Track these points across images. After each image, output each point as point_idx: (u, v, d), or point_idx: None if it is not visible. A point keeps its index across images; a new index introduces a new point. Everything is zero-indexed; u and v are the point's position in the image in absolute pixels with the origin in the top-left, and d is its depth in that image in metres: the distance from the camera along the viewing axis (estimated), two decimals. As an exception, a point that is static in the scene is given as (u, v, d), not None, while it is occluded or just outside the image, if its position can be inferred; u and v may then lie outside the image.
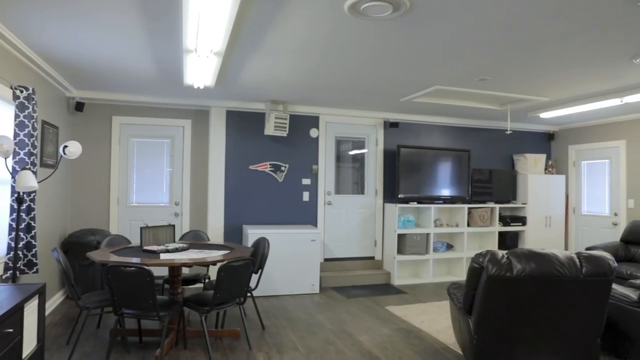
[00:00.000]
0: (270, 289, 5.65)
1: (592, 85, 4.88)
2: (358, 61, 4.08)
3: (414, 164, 6.64)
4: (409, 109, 6.41)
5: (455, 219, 6.99)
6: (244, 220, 6.19)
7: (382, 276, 6.48)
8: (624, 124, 6.76)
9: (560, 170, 7.82)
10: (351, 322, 4.65)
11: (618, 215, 6.79)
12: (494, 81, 4.72)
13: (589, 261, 3.07)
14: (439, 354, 3.78)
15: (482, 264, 3.13)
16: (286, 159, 6.38)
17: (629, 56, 3.83)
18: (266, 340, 4.05)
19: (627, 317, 3.57)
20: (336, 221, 6.64)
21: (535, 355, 3.22)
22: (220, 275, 3.45)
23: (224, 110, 6.07)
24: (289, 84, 5.01)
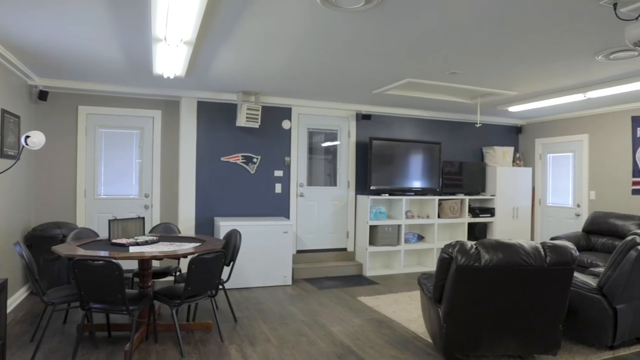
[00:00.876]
0: (242, 281, 5.63)
1: (557, 81, 5.01)
2: (330, 53, 4.07)
3: (386, 156, 6.70)
4: (381, 101, 6.45)
5: (426, 210, 7.10)
6: (216, 213, 6.13)
7: (354, 267, 6.54)
8: (587, 118, 6.98)
9: (527, 163, 8.03)
10: (323, 313, 4.68)
11: (580, 206, 7.04)
12: (464, 75, 4.79)
13: (552, 251, 3.17)
14: (409, 343, 3.85)
15: (451, 254, 3.19)
16: (258, 150, 6.33)
17: (592, 53, 3.94)
18: (238, 332, 4.04)
19: (586, 303, 3.71)
20: (308, 213, 6.65)
21: (501, 342, 3.32)
22: (191, 267, 3.41)
23: (195, 101, 5.97)
24: (261, 75, 4.96)
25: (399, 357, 3.53)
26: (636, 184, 6.27)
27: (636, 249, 3.50)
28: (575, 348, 3.75)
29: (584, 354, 3.63)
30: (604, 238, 5.88)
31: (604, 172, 6.72)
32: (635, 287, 3.62)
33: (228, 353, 3.55)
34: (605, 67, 4.40)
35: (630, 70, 4.54)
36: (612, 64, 4.30)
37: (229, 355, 3.50)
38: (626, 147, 6.40)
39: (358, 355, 3.56)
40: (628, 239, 3.59)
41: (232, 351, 3.59)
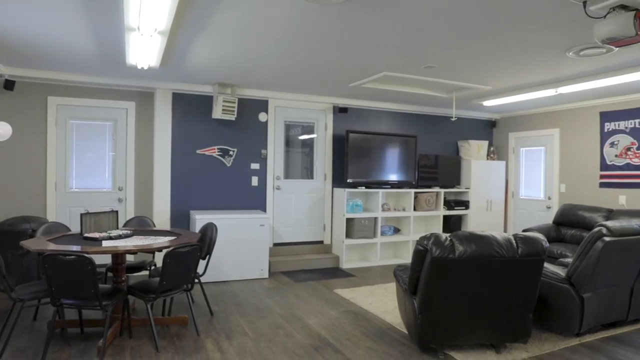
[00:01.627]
0: (218, 274, 5.59)
1: (529, 76, 5.11)
2: (307, 45, 4.05)
3: (363, 149, 6.73)
4: (358, 94, 6.46)
5: (402, 203, 7.18)
6: (192, 206, 6.06)
7: (330, 260, 6.57)
8: (558, 113, 7.15)
9: (501, 157, 8.19)
10: (300, 305, 4.69)
11: (551, 199, 7.23)
12: (440, 69, 4.84)
13: (524, 242, 3.25)
14: (385, 334, 3.90)
15: (426, 246, 3.24)
16: (234, 143, 6.28)
17: (563, 49, 4.03)
18: (214, 326, 4.02)
19: (556, 292, 3.83)
20: (285, 206, 6.64)
21: (474, 331, 3.39)
22: (166, 261, 3.37)
23: (169, 93, 5.87)
24: (237, 67, 4.91)
25: (375, 348, 3.57)
26: (603, 177, 6.47)
27: (602, 240, 3.61)
28: (545, 336, 3.86)
29: (552, 341, 3.75)
30: (573, 229, 6.06)
31: (573, 165, 6.91)
32: (601, 276, 3.74)
33: (204, 347, 3.53)
34: (576, 63, 4.51)
35: (598, 67, 4.66)
36: (582, 61, 4.41)
37: (206, 349, 3.48)
38: (594, 142, 6.59)
39: (334, 347, 3.58)
40: (595, 230, 3.71)
41: (209, 345, 3.57)
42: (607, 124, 6.41)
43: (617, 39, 2.80)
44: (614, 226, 3.70)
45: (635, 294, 4.09)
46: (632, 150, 6.10)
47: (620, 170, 6.25)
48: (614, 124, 6.32)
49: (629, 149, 6.15)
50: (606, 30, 2.80)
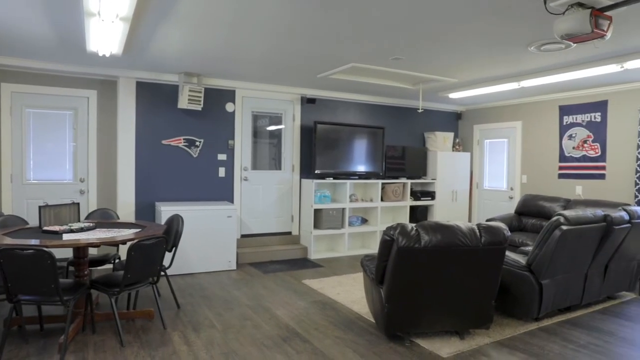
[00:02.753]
0: (185, 267, 5.52)
1: (493, 69, 5.23)
2: (274, 35, 4.01)
3: (331, 140, 6.75)
4: (326, 85, 6.46)
5: (369, 194, 7.25)
6: (157, 197, 5.93)
7: (299, 251, 6.59)
8: (521, 106, 7.36)
9: (466, 148, 8.37)
10: (268, 296, 4.69)
11: (514, 189, 7.46)
12: (407, 60, 4.89)
13: (487, 231, 3.35)
14: (353, 324, 3.95)
15: (392, 236, 3.28)
16: (201, 133, 6.18)
17: (524, 44, 4.14)
18: (181, 319, 3.97)
19: (516, 279, 3.96)
20: (253, 197, 6.59)
21: (439, 319, 3.48)
22: (130, 254, 3.30)
23: (133, 81, 5.71)
24: (203, 56, 4.81)
25: (343, 338, 3.62)
26: (562, 169, 6.72)
27: (560, 229, 3.76)
28: (506, 321, 4.00)
29: (513, 326, 3.88)
30: (533, 219, 6.27)
31: (534, 157, 7.14)
32: (558, 263, 3.90)
33: (171, 340, 3.48)
34: (537, 58, 4.64)
35: (558, 62, 4.81)
36: (543, 55, 4.54)
37: (172, 342, 3.44)
38: (554, 134, 6.82)
39: (303, 337, 3.61)
40: (553, 219, 3.85)
41: (175, 338, 3.53)
42: (566, 117, 6.65)
43: (574, 35, 2.89)
44: (571, 215, 3.85)
45: (589, 279, 4.29)
46: (588, 142, 6.35)
47: (577, 161, 6.50)
48: (572, 117, 6.56)
49: (585, 142, 6.40)
50: (565, 27, 2.89)
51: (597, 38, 2.94)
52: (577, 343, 3.59)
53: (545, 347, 3.50)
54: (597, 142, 6.24)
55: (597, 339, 3.69)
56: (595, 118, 6.26)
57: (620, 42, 4.04)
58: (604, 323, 4.06)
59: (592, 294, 4.38)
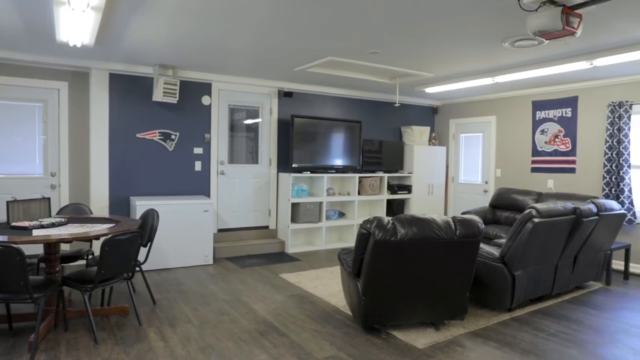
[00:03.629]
0: (161, 262, 5.45)
1: (469, 64, 5.30)
2: (251, 27, 3.97)
3: (308, 134, 6.74)
4: (304, 79, 6.44)
5: (347, 187, 7.28)
6: (132, 192, 5.83)
7: (276, 245, 6.58)
8: (495, 101, 7.48)
9: (442, 142, 8.48)
10: (245, 291, 4.68)
11: (488, 183, 7.59)
12: (384, 55, 4.91)
13: (462, 224, 3.40)
14: (330, 317, 3.97)
15: (369, 229, 3.31)
16: (177, 127, 6.08)
17: (499, 40, 4.20)
18: (157, 314, 3.93)
19: (490, 271, 4.05)
20: (230, 191, 6.55)
21: (415, 311, 3.53)
22: (104, 250, 3.24)
23: (106, 73, 5.57)
24: (178, 48, 4.73)
25: (320, 331, 3.64)
26: (534, 163, 6.87)
27: (532, 222, 3.85)
28: (480, 312, 4.09)
29: (486, 317, 3.97)
30: (507, 212, 6.41)
31: (508, 151, 7.28)
32: (530, 255, 4.00)
33: (147, 336, 3.44)
34: (511, 53, 4.72)
35: (531, 58, 4.90)
36: (517, 51, 4.62)
37: (148, 338, 3.40)
38: (527, 129, 6.96)
39: (280, 331, 3.61)
40: (526, 212, 3.94)
41: (151, 334, 3.49)
42: (539, 113, 6.79)
43: (547, 32, 2.95)
44: (542, 208, 3.95)
45: (559, 270, 4.41)
46: (559, 137, 6.51)
47: (549, 156, 6.66)
48: (545, 113, 6.71)
49: (556, 136, 6.55)
50: (537, 23, 2.95)
51: (568, 35, 3.00)
52: (547, 332, 3.69)
53: (517, 336, 3.59)
54: (568, 136, 6.40)
55: (566, 327, 3.80)
56: (566, 113, 6.42)
57: (590, 40, 4.14)
58: (573, 312, 4.19)
59: (561, 284, 4.51)
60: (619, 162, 5.68)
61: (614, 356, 3.28)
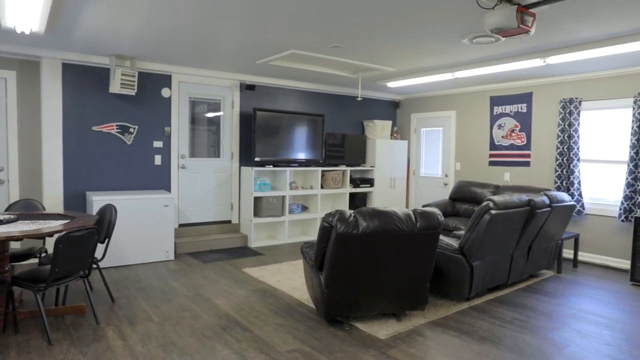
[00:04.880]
0: (120, 258, 5.30)
1: (429, 60, 5.39)
2: (211, 19, 3.89)
3: (270, 127, 6.70)
4: (266, 72, 6.38)
5: (309, 181, 7.29)
6: (88, 187, 5.63)
7: (239, 239, 6.52)
8: (455, 96, 7.66)
9: (404, 136, 8.61)
10: (208, 286, 4.62)
11: (448, 176, 7.78)
12: (346, 49, 4.92)
13: (422, 217, 3.47)
14: (293, 310, 3.98)
15: (331, 223, 3.33)
16: (135, 119, 5.91)
17: (458, 36, 4.29)
18: (116, 312, 3.82)
19: (450, 262, 4.16)
20: (191, 185, 6.43)
21: (377, 302, 3.59)
22: (58, 247, 3.11)
23: (59, 63, 5.34)
24: (136, 38, 4.58)
25: (283, 324, 3.64)
26: (492, 156, 7.09)
27: (489, 213, 3.98)
28: (440, 302, 4.20)
29: (446, 306, 4.08)
30: (466, 204, 6.59)
31: (467, 145, 7.47)
32: (488, 246, 4.13)
33: (105, 335, 3.35)
34: (470, 50, 4.83)
35: (489, 55, 5.04)
36: (475, 48, 4.74)
37: (106, 338, 3.30)
38: (485, 124, 7.17)
39: (243, 326, 3.59)
40: (483, 204, 4.07)
41: (110, 333, 3.40)
42: (496, 108, 7.00)
43: (503, 29, 3.04)
44: (499, 200, 4.08)
45: (514, 259, 4.58)
46: (515, 132, 6.74)
47: (506, 150, 6.88)
48: (502, 108, 6.92)
49: (513, 131, 6.78)
50: (494, 21, 3.03)
51: (523, 33, 3.10)
52: (503, 319, 3.83)
53: (475, 324, 3.71)
54: (523, 131, 6.63)
55: (520, 314, 3.96)
56: (522, 109, 6.64)
57: (543, 38, 4.29)
58: (527, 299, 4.37)
59: (517, 273, 4.69)
60: (570, 156, 5.94)
61: (563, 339, 3.45)
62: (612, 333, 3.61)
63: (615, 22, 3.78)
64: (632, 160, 5.33)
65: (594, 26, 3.89)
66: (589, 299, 4.44)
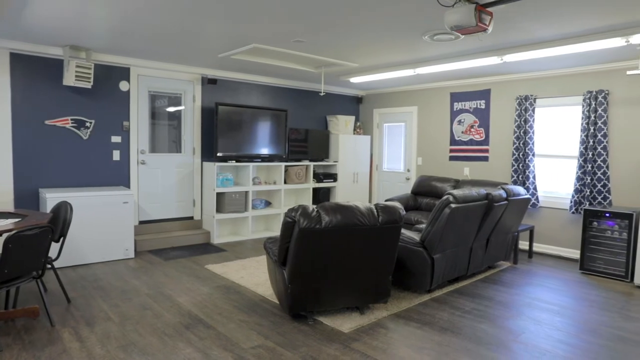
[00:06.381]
0: (77, 257, 5.12)
1: (391, 56, 5.46)
2: (170, 10, 3.79)
3: (233, 122, 6.61)
4: (228, 65, 6.29)
5: (273, 176, 7.25)
6: (41, 184, 5.40)
7: (201, 236, 6.43)
8: (417, 92, 7.79)
9: (367, 131, 8.69)
10: (169, 284, 4.53)
11: (410, 171, 7.91)
12: (309, 44, 4.91)
13: (384, 211, 3.52)
14: (257, 306, 3.96)
15: (294, 218, 3.33)
16: (92, 113, 5.70)
17: (419, 33, 4.36)
18: (72, 314, 3.69)
19: (411, 255, 4.24)
20: (151, 181, 6.27)
21: (340, 296, 3.62)
22: (7, 247, 2.98)
23: (6, 52, 5.07)
24: (91, 28, 4.41)
25: (247, 321, 3.62)
26: (452, 151, 7.26)
27: (449, 207, 4.07)
28: (402, 295, 4.28)
29: (408, 299, 4.16)
30: (427, 198, 6.73)
31: (428, 140, 7.62)
32: (448, 239, 4.24)
33: (60, 338, 3.23)
34: (430, 46, 4.92)
35: (449, 52, 5.15)
36: (436, 45, 4.83)
37: (62, 340, 3.19)
38: (446, 120, 7.33)
39: (206, 323, 3.55)
40: (443, 198, 4.16)
41: (65, 335, 3.28)
42: (456, 104, 7.17)
43: (462, 27, 3.11)
44: (458, 194, 4.19)
45: (473, 252, 4.72)
46: (474, 127, 6.93)
47: (465, 145, 7.06)
48: (461, 104, 7.09)
49: (472, 127, 6.96)
50: (453, 19, 3.09)
51: (481, 31, 3.18)
52: (463, 310, 3.95)
53: (436, 315, 3.80)
54: (482, 127, 6.82)
55: (479, 304, 4.09)
56: (480, 105, 6.83)
57: (500, 37, 4.42)
58: (485, 290, 4.52)
59: (476, 265, 4.84)
60: (525, 151, 6.16)
61: (518, 327, 3.59)
62: (563, 319, 3.79)
63: (567, 23, 3.93)
64: (582, 155, 5.59)
65: (548, 26, 4.04)
66: (542, 288, 4.63)
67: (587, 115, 5.53)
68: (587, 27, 4.04)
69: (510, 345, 3.27)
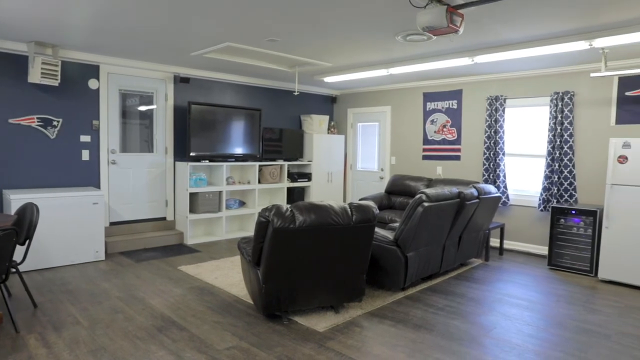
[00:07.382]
0: (44, 261, 4.97)
1: (365, 56, 5.49)
2: (140, 6, 3.71)
3: (206, 121, 6.54)
4: (201, 64, 6.21)
5: (247, 176, 7.21)
6: (5, 184, 5.21)
7: (174, 236, 6.33)
8: (390, 92, 7.86)
9: (341, 131, 8.72)
10: (141, 286, 4.45)
11: (384, 170, 7.98)
12: (282, 43, 4.89)
13: (357, 210, 3.54)
14: (231, 307, 3.93)
15: (268, 217, 3.31)
16: (59, 112, 5.54)
17: (392, 33, 4.40)
18: (39, 319, 3.58)
19: (385, 254, 4.28)
20: (122, 182, 6.14)
21: (315, 295, 3.62)
22: (-30, 251, 2.86)
23: (-32, 49, 4.89)
24: (57, 24, 4.28)
25: (221, 322, 3.58)
26: (425, 151, 7.35)
27: (422, 206, 4.13)
28: (376, 293, 4.31)
29: (382, 297, 4.20)
30: (401, 197, 6.79)
31: (402, 140, 7.70)
32: (421, 237, 4.29)
33: (26, 345, 3.13)
34: (403, 47, 4.97)
35: (421, 52, 5.21)
36: (409, 45, 4.88)
37: (27, 347, 3.09)
38: (419, 119, 7.42)
39: (179, 325, 3.50)
40: (417, 197, 4.22)
41: (31, 341, 3.18)
42: (429, 104, 7.26)
43: (433, 28, 3.15)
44: (431, 193, 4.25)
45: (446, 249, 4.80)
46: (447, 127, 7.03)
47: (438, 144, 7.17)
48: (434, 104, 7.19)
49: (444, 126, 7.07)
50: (425, 20, 3.13)
51: (452, 33, 3.23)
52: (436, 307, 4.01)
53: (410, 312, 3.85)
54: (454, 127, 6.93)
55: (451, 301, 4.16)
56: (453, 105, 6.94)
57: (471, 38, 4.50)
58: (457, 287, 4.59)
59: (448, 263, 4.92)
60: (496, 150, 6.29)
61: (490, 322, 3.67)
62: (532, 314, 3.89)
63: (533, 26, 4.04)
64: (549, 155, 5.75)
65: (516, 29, 4.13)
66: (512, 284, 4.74)
67: (554, 116, 5.69)
68: (553, 30, 4.16)
69: (482, 341, 3.33)
